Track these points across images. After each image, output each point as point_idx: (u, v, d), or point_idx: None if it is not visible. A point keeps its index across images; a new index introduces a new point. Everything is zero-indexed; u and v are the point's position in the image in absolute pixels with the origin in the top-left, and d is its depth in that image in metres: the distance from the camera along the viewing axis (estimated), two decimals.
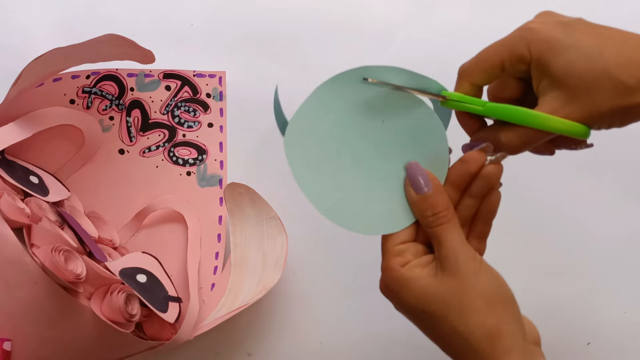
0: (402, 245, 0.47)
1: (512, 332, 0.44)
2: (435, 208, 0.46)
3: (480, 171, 0.46)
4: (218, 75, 0.66)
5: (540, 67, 0.44)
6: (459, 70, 0.48)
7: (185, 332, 0.57)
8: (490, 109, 0.46)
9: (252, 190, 0.61)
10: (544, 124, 0.44)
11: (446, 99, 0.47)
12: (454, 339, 0.44)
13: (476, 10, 0.68)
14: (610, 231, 0.65)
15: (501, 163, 0.47)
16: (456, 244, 0.45)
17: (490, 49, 0.46)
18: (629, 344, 0.64)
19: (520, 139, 0.45)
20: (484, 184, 0.46)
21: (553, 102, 0.44)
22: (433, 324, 0.45)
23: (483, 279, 0.45)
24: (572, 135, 0.44)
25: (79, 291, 0.53)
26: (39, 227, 0.53)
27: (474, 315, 0.44)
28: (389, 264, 0.46)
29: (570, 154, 0.66)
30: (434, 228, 0.46)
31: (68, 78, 0.63)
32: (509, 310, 0.45)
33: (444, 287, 0.44)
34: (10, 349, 0.51)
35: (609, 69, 0.42)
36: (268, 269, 0.60)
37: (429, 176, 0.46)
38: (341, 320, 0.64)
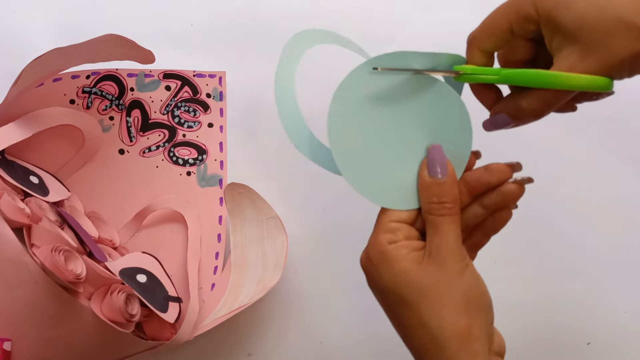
0: (396, 224, 0.45)
1: (482, 338, 0.43)
2: (443, 196, 0.44)
3: (501, 186, 0.45)
4: (218, 75, 0.66)
5: (550, 24, 0.42)
6: (468, 39, 0.46)
7: (185, 332, 0.57)
8: (506, 76, 0.44)
9: (252, 190, 0.61)
10: (565, 83, 0.42)
11: (459, 74, 0.46)
12: (420, 332, 0.43)
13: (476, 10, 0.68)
14: (611, 231, 0.65)
15: (524, 187, 0.45)
16: (452, 238, 0.44)
17: (496, 13, 0.45)
18: (629, 344, 0.64)
19: (543, 102, 0.44)
20: (500, 200, 0.46)
21: (569, 58, 0.42)
22: (403, 311, 0.44)
23: (467, 279, 0.44)
24: (596, 89, 0.42)
25: (79, 291, 0.53)
26: (39, 227, 0.53)
27: (448, 311, 0.42)
28: (377, 238, 0.45)
29: (570, 154, 0.67)
30: (435, 216, 0.44)
31: (68, 78, 0.63)
32: (484, 316, 0.44)
33: (425, 276, 0.43)
34: (10, 349, 0.51)
35: (621, 14, 0.41)
36: (268, 269, 0.60)
37: (447, 164, 0.45)
38: (341, 320, 0.64)
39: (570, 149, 0.66)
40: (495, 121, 0.46)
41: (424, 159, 0.46)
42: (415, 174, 0.46)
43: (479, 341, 0.43)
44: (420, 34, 0.67)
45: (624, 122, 0.67)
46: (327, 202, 0.66)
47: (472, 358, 0.42)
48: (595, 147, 0.66)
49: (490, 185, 0.46)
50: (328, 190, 0.65)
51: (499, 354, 0.45)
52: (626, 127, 0.67)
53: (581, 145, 0.67)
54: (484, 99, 0.48)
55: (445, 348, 0.42)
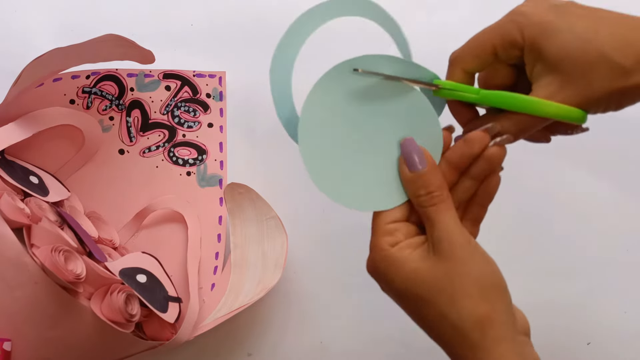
0: (393, 224, 0.45)
1: (503, 321, 0.43)
2: (428, 187, 0.44)
3: (483, 152, 0.45)
4: (218, 75, 0.66)
5: (533, 52, 0.43)
6: (450, 58, 0.46)
7: (185, 332, 0.57)
8: (484, 97, 0.45)
9: (252, 190, 0.61)
10: (540, 110, 0.43)
11: (439, 88, 0.46)
12: (442, 325, 0.43)
13: (475, 11, 0.68)
14: (611, 231, 0.65)
15: (505, 147, 0.45)
16: (450, 225, 0.44)
17: (481, 35, 0.45)
18: (629, 344, 0.64)
19: (517, 126, 0.44)
20: (485, 166, 0.45)
21: (548, 87, 0.43)
22: (422, 308, 0.44)
23: (477, 264, 0.43)
24: (570, 120, 0.43)
25: (79, 291, 0.53)
26: (39, 227, 0.53)
27: (466, 301, 0.42)
28: (378, 243, 0.45)
29: (571, 153, 0.67)
30: (427, 208, 0.44)
31: (68, 78, 0.63)
32: (501, 298, 0.44)
33: (435, 270, 0.43)
34: (10, 349, 0.51)
35: (604, 50, 0.41)
36: (268, 269, 0.60)
37: (424, 153, 0.45)
38: (341, 320, 0.64)
39: (570, 149, 0.66)
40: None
41: (400, 155, 0.46)
42: (393, 170, 0.46)
43: (501, 325, 0.43)
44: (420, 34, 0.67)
45: (623, 121, 0.66)
46: (327, 202, 0.65)
47: (497, 344, 0.42)
48: (595, 147, 0.66)
49: (473, 155, 0.45)
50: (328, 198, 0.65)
51: (524, 333, 0.45)
52: (626, 126, 0.67)
53: (581, 144, 0.66)
54: (460, 116, 0.48)
55: (468, 337, 0.42)
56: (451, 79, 0.46)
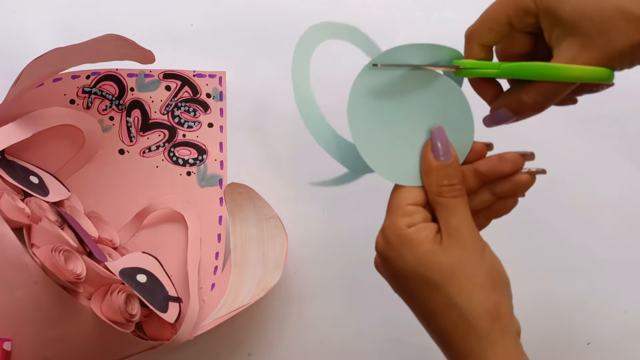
0: (412, 207, 0.45)
1: (509, 315, 0.44)
2: (452, 178, 0.45)
3: (513, 175, 0.46)
4: (218, 75, 0.66)
5: (549, 17, 0.43)
6: (466, 34, 0.46)
7: (185, 332, 0.57)
8: (506, 70, 0.45)
9: (252, 190, 0.61)
10: (566, 75, 0.42)
11: (459, 68, 0.46)
12: (449, 312, 0.43)
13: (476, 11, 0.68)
14: (611, 231, 0.65)
15: (535, 177, 0.46)
16: (469, 219, 0.44)
17: (494, 7, 0.45)
18: (629, 344, 0.64)
19: (544, 94, 0.44)
20: (511, 188, 0.46)
21: (569, 50, 0.42)
22: (429, 293, 0.44)
23: (488, 258, 0.44)
24: (597, 80, 0.42)
25: (79, 291, 0.53)
26: (39, 227, 0.53)
27: (477, 290, 0.43)
28: (395, 221, 0.45)
29: (570, 154, 0.67)
30: (448, 198, 0.45)
31: (68, 78, 0.63)
32: (507, 294, 0.44)
33: (450, 256, 0.43)
34: (10, 349, 0.51)
35: (619, 4, 0.41)
36: (268, 269, 0.60)
37: (451, 145, 0.46)
38: (341, 320, 0.64)
39: (571, 149, 0.66)
40: (496, 116, 0.47)
41: (427, 141, 0.47)
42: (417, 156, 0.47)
43: (507, 318, 0.43)
44: (420, 34, 0.67)
45: (623, 121, 0.67)
46: (327, 202, 0.66)
47: (502, 335, 0.42)
48: (595, 147, 0.66)
49: (503, 174, 0.46)
50: (328, 191, 0.65)
51: (517, 333, 0.45)
52: (626, 126, 0.67)
53: (581, 144, 0.67)
54: (484, 93, 0.48)
55: (475, 326, 0.42)
56: (469, 55, 0.46)
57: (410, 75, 0.46)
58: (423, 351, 0.62)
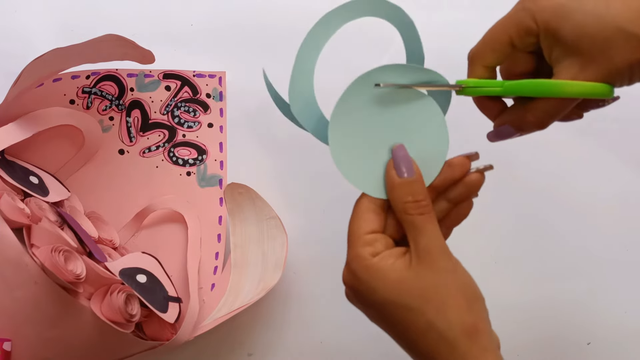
0: (372, 235, 0.45)
1: (488, 332, 0.43)
2: (417, 194, 0.45)
3: (464, 178, 0.46)
4: (218, 75, 0.66)
5: (549, 36, 0.43)
6: (469, 55, 0.47)
7: (185, 332, 0.57)
8: (509, 88, 0.45)
9: (252, 190, 0.61)
10: (567, 91, 0.43)
11: (462, 88, 0.46)
12: (429, 335, 0.43)
13: (476, 10, 0.68)
14: (611, 231, 0.65)
15: (484, 174, 0.46)
16: (437, 236, 0.44)
17: (495, 28, 0.45)
18: (629, 344, 0.64)
19: (547, 111, 0.44)
20: (464, 191, 0.46)
21: (570, 69, 0.43)
22: (407, 318, 0.43)
23: (460, 276, 0.44)
24: (597, 96, 0.43)
25: (79, 291, 0.53)
26: (39, 227, 0.53)
27: (454, 310, 0.43)
28: (358, 253, 0.45)
29: (570, 154, 0.67)
30: (413, 216, 0.44)
31: (68, 78, 0.63)
32: (483, 310, 0.44)
33: (421, 279, 0.43)
34: (10, 349, 0.51)
35: (619, 24, 0.41)
36: (268, 269, 0.60)
37: (412, 163, 0.46)
38: (341, 320, 0.64)
39: (570, 149, 0.66)
40: (500, 132, 0.47)
41: (389, 160, 0.47)
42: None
43: (486, 335, 0.43)
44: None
45: (623, 122, 0.67)
46: (327, 202, 0.66)
47: (483, 353, 0.42)
48: (595, 147, 0.66)
49: (454, 179, 0.46)
50: (328, 190, 0.65)
51: (498, 347, 0.45)
52: (626, 126, 0.67)
53: (581, 145, 0.67)
54: (488, 111, 0.48)
55: (456, 347, 0.42)
56: (473, 76, 0.46)
57: (397, 92, 0.46)
58: None
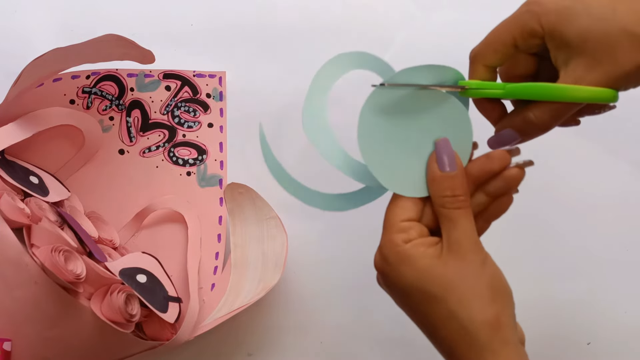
0: (407, 223, 0.46)
1: (510, 326, 0.44)
2: (456, 189, 0.45)
3: (503, 172, 0.46)
4: (218, 75, 0.66)
5: (554, 39, 0.43)
6: (471, 55, 0.47)
7: (185, 332, 0.57)
8: (512, 90, 0.45)
9: (252, 190, 0.61)
10: (572, 96, 0.43)
11: (464, 89, 0.46)
12: (450, 324, 0.43)
13: (476, 10, 0.68)
14: (611, 231, 0.65)
15: (524, 169, 0.46)
16: (470, 231, 0.44)
17: (499, 29, 0.45)
18: (629, 344, 0.64)
19: (550, 115, 0.44)
20: (503, 185, 0.46)
21: (575, 72, 0.43)
22: (430, 306, 0.44)
23: (489, 269, 0.44)
24: (602, 101, 0.43)
25: (79, 291, 0.53)
26: (39, 227, 0.53)
27: (477, 301, 0.43)
28: (392, 238, 0.45)
29: (571, 154, 0.67)
30: (450, 209, 0.45)
31: (68, 78, 0.63)
32: (509, 304, 0.44)
33: (449, 269, 0.44)
34: (10, 349, 0.51)
35: (625, 26, 0.41)
36: (268, 269, 0.60)
37: (456, 157, 0.46)
38: (341, 320, 0.64)
39: (570, 149, 0.66)
40: (502, 137, 0.47)
41: (432, 152, 0.47)
42: (423, 167, 0.47)
43: (508, 329, 0.43)
44: (420, 34, 0.67)
45: (624, 121, 0.66)
46: None
47: (503, 346, 0.43)
48: (595, 147, 0.66)
49: (493, 172, 0.46)
50: (328, 191, 0.65)
51: (521, 342, 0.46)
52: (626, 126, 0.67)
53: (581, 145, 0.67)
54: (489, 114, 0.48)
55: (476, 338, 0.43)
56: (473, 76, 0.46)
57: (416, 94, 0.47)
58: (423, 351, 0.62)
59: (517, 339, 0.44)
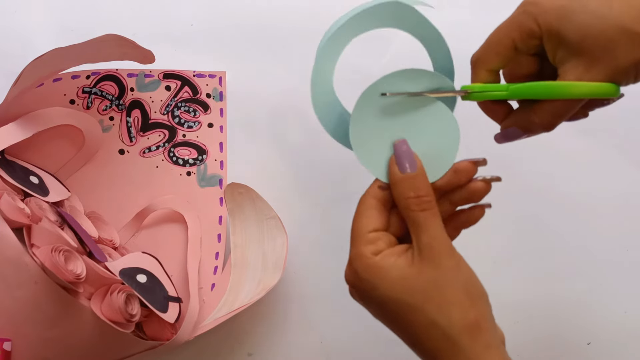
0: (374, 233, 0.45)
1: (490, 328, 0.43)
2: (418, 190, 0.45)
3: (469, 184, 0.46)
4: (218, 75, 0.66)
5: (553, 38, 0.43)
6: (472, 60, 0.47)
7: (185, 332, 0.57)
8: (515, 91, 0.45)
9: (252, 190, 0.61)
10: (574, 92, 0.43)
11: (468, 93, 0.46)
12: (431, 332, 0.43)
13: (476, 10, 0.68)
14: (611, 231, 0.65)
15: (491, 184, 0.46)
16: (439, 233, 0.44)
17: (498, 32, 0.45)
18: (629, 344, 0.64)
19: (553, 113, 0.45)
20: (466, 197, 0.46)
21: (575, 70, 0.43)
22: (408, 316, 0.43)
23: (463, 273, 0.44)
24: (603, 96, 0.43)
25: (79, 291, 0.53)
26: (39, 227, 0.53)
27: (455, 307, 0.43)
28: (360, 251, 0.45)
29: (571, 154, 0.67)
30: (416, 212, 0.44)
31: (68, 78, 0.63)
32: (486, 307, 0.44)
33: (422, 277, 0.43)
34: (10, 349, 0.51)
35: (622, 23, 0.41)
36: (268, 269, 0.60)
37: (415, 158, 0.46)
38: (341, 320, 0.64)
39: (571, 149, 0.66)
40: (507, 134, 0.47)
41: (390, 156, 0.47)
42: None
43: (488, 332, 0.43)
44: None
45: (624, 121, 0.67)
46: (327, 202, 0.66)
47: (486, 349, 0.42)
48: (596, 147, 0.66)
49: (459, 184, 0.46)
50: (328, 191, 0.65)
51: (502, 342, 0.45)
52: (626, 126, 0.67)
53: (581, 145, 0.67)
54: (494, 114, 0.48)
55: (458, 344, 0.42)
56: (476, 81, 0.47)
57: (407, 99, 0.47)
58: None
59: (499, 340, 0.44)
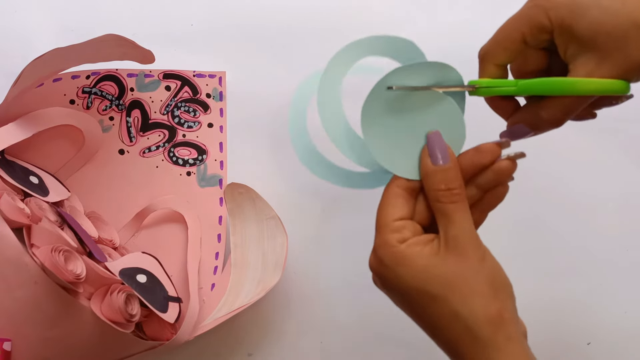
0: (400, 222, 0.45)
1: (513, 321, 0.43)
2: (450, 182, 0.45)
3: (493, 164, 0.46)
4: (218, 75, 0.66)
5: (564, 33, 0.43)
6: (480, 54, 0.46)
7: (185, 332, 0.57)
8: (523, 87, 0.45)
9: (252, 190, 0.61)
10: (583, 89, 0.42)
11: (475, 88, 0.46)
12: (452, 323, 0.43)
13: (476, 10, 0.68)
14: (611, 231, 0.65)
15: (516, 161, 0.46)
16: (467, 226, 0.44)
17: (507, 26, 0.45)
18: (629, 344, 0.64)
19: (562, 110, 0.44)
20: (493, 178, 0.46)
21: (586, 65, 0.42)
22: (431, 306, 0.44)
23: (488, 265, 0.44)
24: (614, 93, 0.43)
25: (79, 291, 0.53)
26: (39, 227, 0.53)
27: (478, 298, 0.43)
28: (386, 239, 0.45)
29: (571, 154, 0.67)
30: (445, 204, 0.44)
31: (68, 78, 0.63)
32: (510, 299, 0.44)
33: (447, 267, 0.43)
34: (10, 349, 0.51)
35: (635, 19, 0.41)
36: (268, 269, 0.60)
37: (449, 150, 0.46)
38: (341, 320, 0.64)
39: (571, 149, 0.66)
40: (514, 131, 0.47)
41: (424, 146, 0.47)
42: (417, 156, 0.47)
43: (511, 324, 0.43)
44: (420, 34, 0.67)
45: (624, 121, 0.67)
46: (327, 202, 0.66)
47: (507, 341, 0.42)
48: (596, 148, 0.66)
49: (483, 165, 0.46)
50: (328, 191, 0.65)
51: (523, 335, 0.45)
52: (627, 126, 0.67)
53: (582, 145, 0.67)
54: (502, 110, 0.48)
55: (480, 335, 0.42)
56: (484, 75, 0.46)
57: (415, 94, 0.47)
58: (424, 351, 0.62)
59: (520, 333, 0.44)
